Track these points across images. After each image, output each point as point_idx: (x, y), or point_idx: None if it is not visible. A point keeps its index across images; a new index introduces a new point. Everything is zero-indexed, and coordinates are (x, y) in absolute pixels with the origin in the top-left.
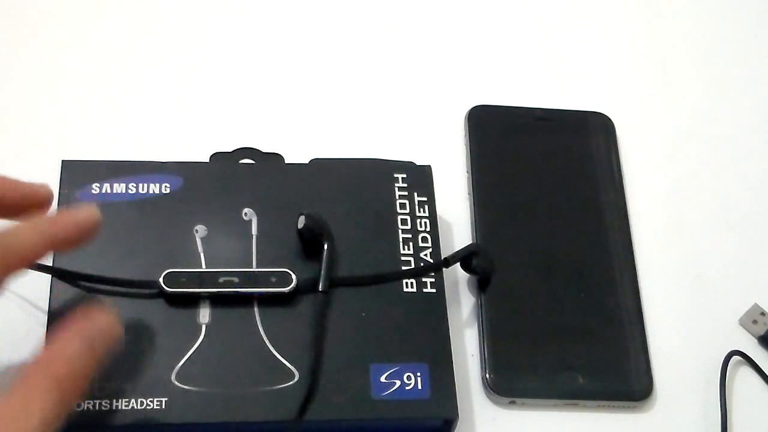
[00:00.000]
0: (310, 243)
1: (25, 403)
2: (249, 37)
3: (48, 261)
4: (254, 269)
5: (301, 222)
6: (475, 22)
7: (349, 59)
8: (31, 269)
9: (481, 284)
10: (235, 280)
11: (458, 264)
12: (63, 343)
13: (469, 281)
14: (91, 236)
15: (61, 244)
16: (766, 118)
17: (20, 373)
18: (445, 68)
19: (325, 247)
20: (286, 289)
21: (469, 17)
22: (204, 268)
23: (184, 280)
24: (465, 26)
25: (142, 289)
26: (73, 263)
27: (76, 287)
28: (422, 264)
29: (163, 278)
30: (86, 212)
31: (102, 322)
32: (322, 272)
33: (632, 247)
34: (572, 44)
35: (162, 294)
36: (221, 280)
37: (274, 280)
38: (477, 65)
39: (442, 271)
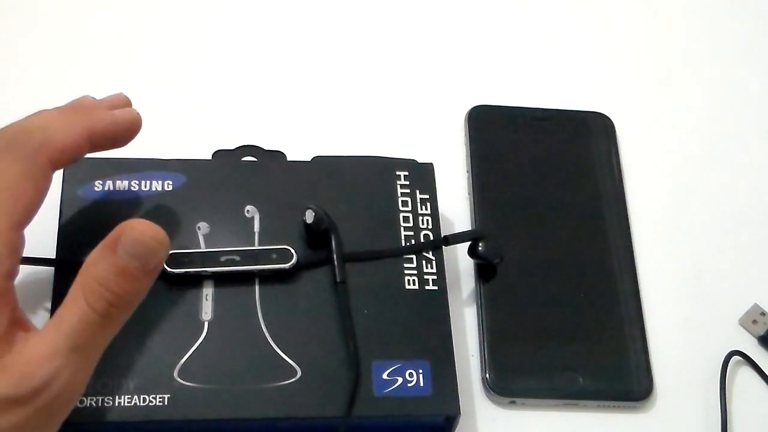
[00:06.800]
0: (316, 236)
1: (52, 329)
2: (251, 35)
3: (51, 254)
4: (256, 247)
5: (310, 216)
6: (475, 22)
7: (350, 58)
8: (31, 264)
9: (486, 273)
10: (237, 258)
11: (459, 265)
12: (93, 265)
13: (469, 282)
14: (129, 136)
15: (98, 138)
16: (766, 118)
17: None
18: (446, 68)
19: (334, 238)
20: (287, 266)
21: (469, 17)
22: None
23: (186, 260)
24: (465, 26)
25: None
26: (75, 257)
27: None
28: (422, 245)
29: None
30: (126, 112)
31: (127, 229)
32: (336, 263)
33: (632, 247)
34: (572, 44)
35: (165, 276)
36: (223, 258)
37: (275, 256)
38: (477, 65)
39: (443, 264)
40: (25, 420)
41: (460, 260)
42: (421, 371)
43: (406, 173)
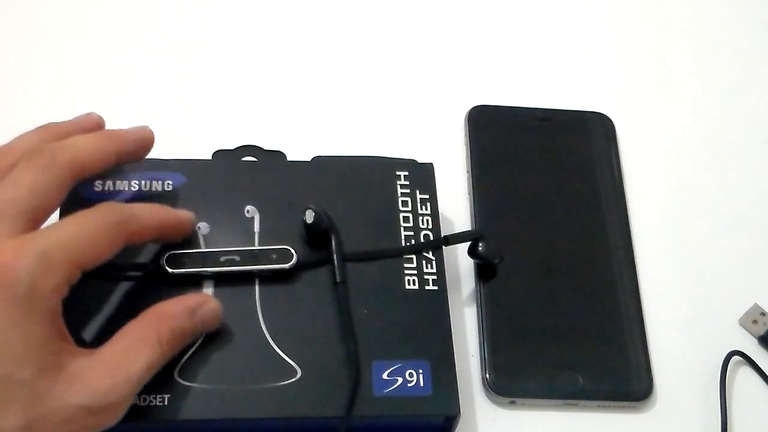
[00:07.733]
0: (316, 236)
1: (128, 352)
2: (252, 35)
3: None
4: (255, 247)
5: (310, 216)
6: (475, 22)
7: (351, 58)
8: None
9: (486, 273)
10: (237, 258)
11: (459, 265)
12: (169, 305)
13: (469, 282)
14: (146, 150)
15: (123, 155)
16: (766, 118)
17: (125, 326)
18: (446, 68)
19: (334, 238)
20: (287, 266)
21: (469, 17)
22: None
23: (186, 260)
24: (465, 26)
25: (145, 272)
26: None
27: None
28: (422, 245)
29: (166, 259)
30: (141, 130)
31: (207, 300)
32: (336, 263)
33: (632, 247)
34: (572, 44)
35: (165, 277)
36: (223, 258)
37: (275, 256)
38: (477, 65)
39: (443, 262)
40: None
41: (460, 260)
42: (421, 371)
43: (406, 173)
